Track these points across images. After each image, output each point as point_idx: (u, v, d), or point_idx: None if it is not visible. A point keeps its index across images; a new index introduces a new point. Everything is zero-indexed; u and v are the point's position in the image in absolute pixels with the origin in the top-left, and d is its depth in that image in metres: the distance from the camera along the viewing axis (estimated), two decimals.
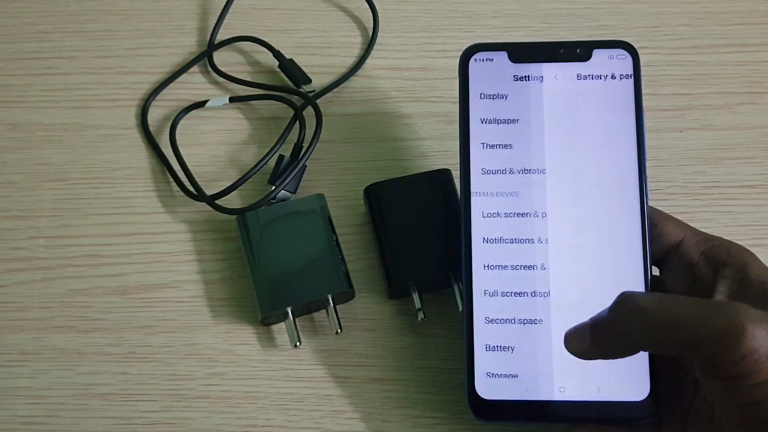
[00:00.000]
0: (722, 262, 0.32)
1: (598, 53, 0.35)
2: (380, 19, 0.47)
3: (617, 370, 0.32)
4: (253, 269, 0.38)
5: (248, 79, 0.45)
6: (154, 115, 0.45)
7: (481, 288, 0.34)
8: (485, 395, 0.33)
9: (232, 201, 0.41)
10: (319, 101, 0.44)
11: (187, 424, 0.36)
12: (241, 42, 0.47)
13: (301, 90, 0.44)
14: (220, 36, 0.47)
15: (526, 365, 0.33)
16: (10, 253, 0.40)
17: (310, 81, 0.45)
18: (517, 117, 0.36)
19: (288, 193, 0.41)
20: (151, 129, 0.44)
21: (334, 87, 0.45)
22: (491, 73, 0.36)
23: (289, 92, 0.44)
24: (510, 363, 0.33)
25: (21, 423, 0.36)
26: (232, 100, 0.44)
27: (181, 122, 0.44)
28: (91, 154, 0.43)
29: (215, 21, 0.47)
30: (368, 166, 0.43)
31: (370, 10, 0.47)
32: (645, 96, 0.36)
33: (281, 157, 0.41)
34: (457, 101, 0.44)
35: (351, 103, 0.45)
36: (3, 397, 0.37)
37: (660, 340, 0.27)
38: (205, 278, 0.40)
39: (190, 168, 0.42)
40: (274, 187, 0.40)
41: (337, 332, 0.37)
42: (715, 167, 0.43)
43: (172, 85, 0.45)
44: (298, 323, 0.38)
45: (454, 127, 0.43)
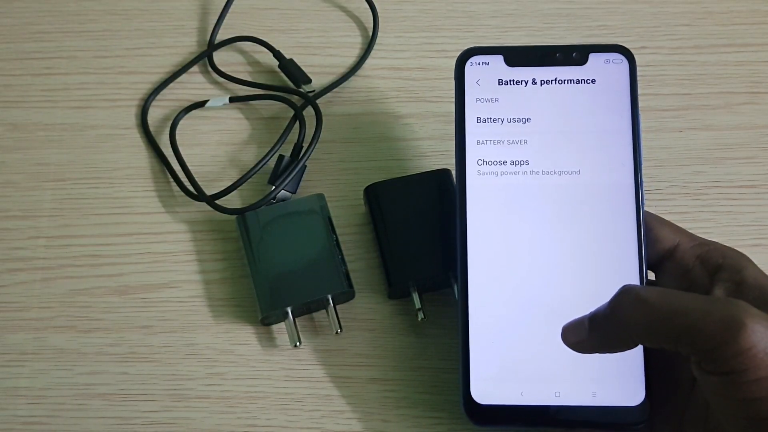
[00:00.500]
0: (718, 266, 0.32)
1: (594, 57, 0.35)
2: (380, 19, 0.47)
3: (612, 375, 0.33)
4: (253, 269, 0.38)
5: (248, 79, 0.45)
6: (154, 115, 0.45)
7: (477, 294, 0.34)
8: (481, 400, 0.33)
9: (232, 201, 0.41)
10: (319, 101, 0.44)
11: (187, 424, 0.36)
12: (241, 42, 0.47)
13: (301, 90, 0.44)
14: (220, 36, 0.47)
15: (522, 370, 0.33)
16: (10, 253, 0.40)
17: (310, 81, 0.45)
18: (512, 121, 0.35)
19: (288, 193, 0.41)
20: (151, 129, 0.44)
21: (334, 87, 0.45)
22: (487, 77, 0.36)
23: (289, 92, 0.44)
24: (506, 368, 0.33)
25: (21, 423, 0.36)
26: (232, 100, 0.44)
27: (181, 122, 0.44)
28: (91, 154, 0.43)
29: (215, 21, 0.47)
30: (368, 166, 0.43)
31: (370, 10, 0.47)
32: (645, 96, 0.36)
33: (281, 157, 0.41)
34: None
35: (351, 103, 0.45)
36: (3, 397, 0.37)
37: (659, 331, 0.27)
38: (205, 278, 0.40)
39: (190, 168, 0.42)
40: (274, 187, 0.40)
41: (337, 332, 0.37)
42: (715, 167, 0.43)
43: (172, 85, 0.45)
44: (298, 323, 0.38)
45: (454, 127, 0.44)
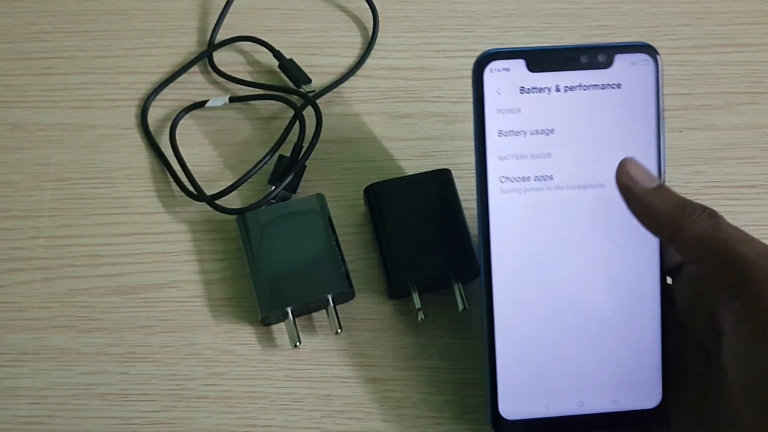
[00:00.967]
0: None
1: (620, 59, 0.33)
2: (380, 19, 0.47)
3: (632, 381, 0.33)
4: (253, 269, 0.38)
5: (248, 79, 0.45)
6: (154, 115, 0.44)
7: (503, 313, 0.33)
8: (508, 416, 0.34)
9: (232, 201, 0.41)
10: (319, 101, 0.44)
11: (187, 424, 0.36)
12: (241, 42, 0.47)
13: (301, 90, 0.44)
14: (220, 36, 0.47)
15: (547, 384, 0.34)
16: (10, 253, 0.40)
17: (310, 81, 0.45)
18: (535, 133, 0.33)
19: (288, 193, 0.41)
20: (151, 129, 0.44)
21: (334, 87, 0.45)
22: (508, 85, 0.33)
23: (289, 92, 0.44)
24: (532, 383, 0.34)
25: (21, 423, 0.36)
26: (232, 100, 0.44)
27: (181, 122, 0.44)
28: (91, 154, 0.43)
29: (215, 21, 0.47)
30: (368, 166, 0.43)
31: (370, 10, 0.47)
32: None
33: (281, 157, 0.41)
34: (457, 101, 0.45)
35: (351, 103, 0.45)
36: (3, 397, 0.37)
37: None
38: (205, 278, 0.40)
39: (190, 168, 0.42)
40: (274, 187, 0.40)
41: (337, 332, 0.37)
42: (715, 167, 0.43)
43: (172, 85, 0.45)
44: (298, 323, 0.38)
45: (454, 127, 0.44)
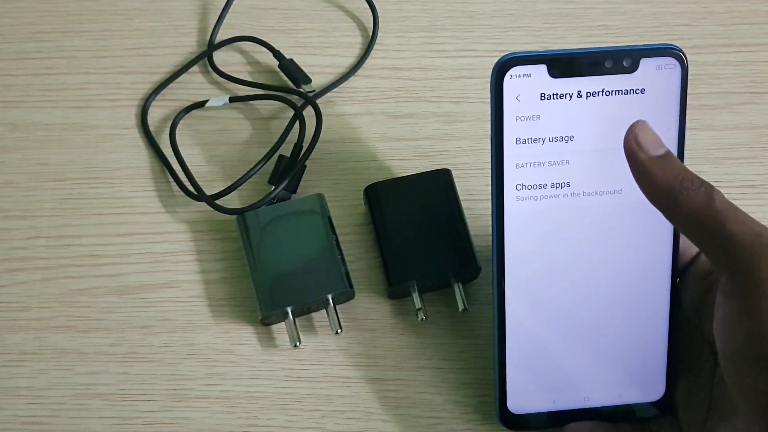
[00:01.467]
0: None
1: (645, 62, 0.32)
2: (380, 19, 0.47)
3: (636, 376, 0.34)
4: (253, 269, 0.38)
5: (248, 79, 0.45)
6: (154, 115, 0.44)
7: (514, 314, 0.34)
8: (517, 410, 0.34)
9: (232, 201, 0.41)
10: (319, 101, 0.44)
11: (187, 424, 0.36)
12: (241, 42, 0.47)
13: (301, 90, 0.44)
14: (220, 36, 0.47)
15: (554, 381, 0.34)
16: (10, 253, 0.40)
17: (310, 81, 0.45)
18: (554, 140, 0.32)
19: (288, 193, 0.41)
20: (151, 129, 0.44)
21: (334, 87, 0.45)
22: (528, 92, 0.32)
23: (289, 92, 0.44)
24: (539, 380, 0.34)
25: (21, 423, 0.36)
26: (232, 100, 0.44)
27: (181, 122, 0.44)
28: (91, 154, 0.43)
29: (215, 21, 0.47)
30: (368, 166, 0.43)
31: (370, 10, 0.47)
32: None
33: (281, 157, 0.41)
34: (457, 101, 0.45)
35: (351, 103, 0.45)
36: (3, 397, 0.37)
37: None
38: (205, 278, 0.40)
39: (190, 168, 0.42)
40: (274, 187, 0.40)
41: (337, 332, 0.37)
42: (715, 167, 0.43)
43: (172, 85, 0.45)
44: (298, 323, 0.38)
45: (454, 127, 0.44)
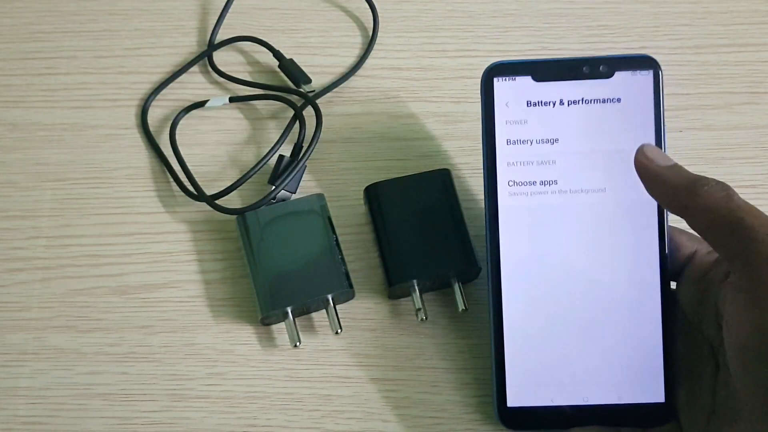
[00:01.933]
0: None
1: (620, 72, 0.35)
2: (380, 19, 0.47)
3: (635, 377, 0.34)
4: (253, 269, 0.38)
5: (248, 79, 0.45)
6: (154, 115, 0.44)
7: (510, 309, 0.35)
8: (515, 406, 0.34)
9: (232, 201, 0.41)
10: (319, 101, 0.44)
11: (187, 424, 0.36)
12: (241, 42, 0.47)
13: (301, 90, 0.44)
14: (220, 36, 0.47)
15: (553, 378, 0.34)
16: (10, 253, 0.40)
17: (310, 81, 0.45)
18: (541, 142, 0.35)
19: (288, 193, 0.41)
20: (151, 129, 0.44)
21: (334, 87, 0.45)
22: (515, 98, 0.35)
23: (289, 92, 0.44)
24: (537, 377, 0.34)
25: (21, 423, 0.36)
26: (232, 100, 0.44)
27: (181, 122, 0.44)
28: (91, 154, 0.43)
29: (215, 21, 0.47)
30: (368, 166, 0.43)
31: (370, 10, 0.47)
32: None
33: (281, 157, 0.41)
34: (457, 101, 0.45)
35: (351, 103, 0.45)
36: (3, 397, 0.37)
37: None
38: (205, 278, 0.40)
39: (190, 168, 0.42)
40: (274, 187, 0.40)
41: (337, 332, 0.37)
42: (715, 167, 0.43)
43: (172, 85, 0.45)
44: (298, 323, 0.38)
45: (454, 127, 0.44)
